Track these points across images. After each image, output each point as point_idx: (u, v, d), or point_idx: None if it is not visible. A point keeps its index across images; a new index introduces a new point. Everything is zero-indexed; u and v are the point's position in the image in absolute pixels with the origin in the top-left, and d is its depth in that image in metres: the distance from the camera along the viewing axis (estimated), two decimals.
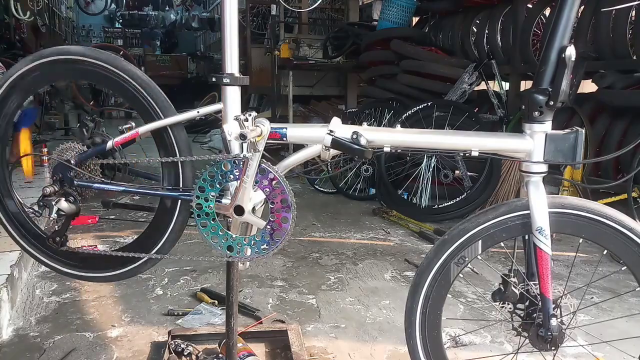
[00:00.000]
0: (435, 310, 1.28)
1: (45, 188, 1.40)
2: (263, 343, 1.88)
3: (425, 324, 1.28)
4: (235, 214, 1.26)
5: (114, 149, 1.41)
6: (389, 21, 4.65)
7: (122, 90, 1.35)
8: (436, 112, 3.57)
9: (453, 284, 1.28)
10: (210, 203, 1.25)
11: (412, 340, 1.29)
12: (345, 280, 2.50)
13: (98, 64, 1.34)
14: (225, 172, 1.24)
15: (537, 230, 1.18)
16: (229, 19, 1.27)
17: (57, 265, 1.50)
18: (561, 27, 1.13)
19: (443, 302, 1.29)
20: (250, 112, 1.17)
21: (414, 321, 1.29)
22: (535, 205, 1.19)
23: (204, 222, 1.27)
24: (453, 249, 1.25)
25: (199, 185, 1.26)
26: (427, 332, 1.29)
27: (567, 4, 1.13)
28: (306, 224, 3.42)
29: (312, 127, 1.27)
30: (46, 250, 1.49)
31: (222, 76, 1.28)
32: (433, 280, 1.27)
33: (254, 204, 1.27)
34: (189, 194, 1.30)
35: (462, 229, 1.25)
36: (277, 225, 1.24)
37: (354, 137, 1.18)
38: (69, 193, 1.40)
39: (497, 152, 1.24)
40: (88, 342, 1.88)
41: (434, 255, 1.26)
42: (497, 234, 1.24)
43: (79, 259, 1.50)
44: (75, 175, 1.41)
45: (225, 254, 1.28)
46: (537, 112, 1.16)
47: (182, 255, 1.45)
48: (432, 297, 1.27)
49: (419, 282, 1.28)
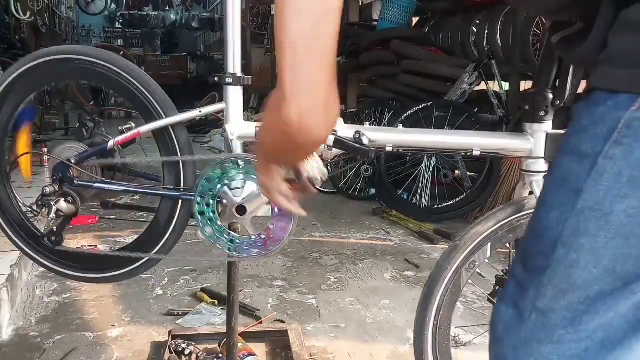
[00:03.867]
0: (447, 321, 1.24)
1: (44, 188, 1.39)
2: (263, 343, 1.89)
3: (437, 337, 1.23)
4: (237, 213, 1.26)
5: (115, 149, 1.41)
6: (389, 21, 4.65)
7: (123, 90, 1.34)
8: (436, 112, 3.57)
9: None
10: (212, 204, 1.26)
11: (425, 356, 1.23)
12: (345, 280, 2.51)
13: (98, 63, 1.34)
14: (227, 172, 1.25)
15: None
16: (231, 19, 1.27)
17: (55, 266, 1.50)
18: None
19: (453, 311, 1.25)
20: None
21: (426, 336, 1.23)
22: None
23: (205, 223, 1.27)
24: (465, 254, 1.21)
25: (201, 186, 1.26)
26: (439, 345, 1.24)
27: None
28: (306, 223, 3.42)
29: None
30: (43, 250, 1.48)
31: (224, 76, 1.28)
32: (445, 290, 1.22)
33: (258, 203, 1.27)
34: (190, 194, 1.30)
35: (474, 234, 1.21)
36: (281, 221, 1.24)
37: (356, 137, 1.18)
38: (69, 193, 1.40)
39: (499, 152, 1.24)
40: (88, 342, 1.88)
41: (445, 263, 1.21)
42: (504, 236, 1.22)
43: (77, 259, 1.50)
44: (76, 175, 1.41)
45: (232, 255, 1.29)
46: (542, 112, 1.16)
47: (183, 254, 1.45)
48: (444, 307, 1.23)
49: (430, 293, 1.22)
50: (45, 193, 1.37)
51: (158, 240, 1.40)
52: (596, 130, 0.58)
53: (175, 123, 1.33)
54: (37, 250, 1.47)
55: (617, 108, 0.57)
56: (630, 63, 0.57)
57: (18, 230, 1.47)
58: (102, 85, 1.41)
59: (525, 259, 0.66)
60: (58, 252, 1.45)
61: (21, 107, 1.39)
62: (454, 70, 4.01)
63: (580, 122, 0.60)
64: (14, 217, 1.46)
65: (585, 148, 0.59)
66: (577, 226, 0.59)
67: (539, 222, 0.64)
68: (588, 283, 0.59)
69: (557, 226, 0.60)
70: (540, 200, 0.66)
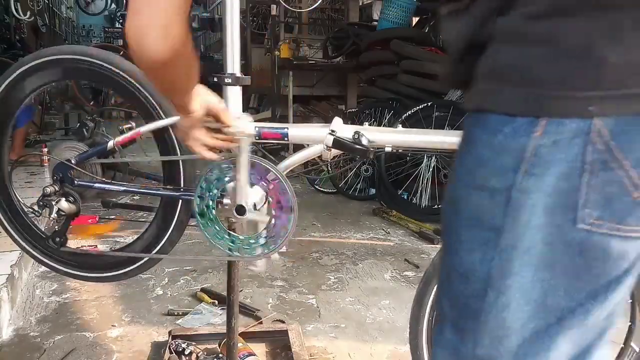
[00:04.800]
0: None
1: (45, 188, 1.39)
2: (263, 343, 1.89)
3: (431, 332, 1.27)
4: (237, 214, 1.26)
5: (115, 149, 1.42)
6: (389, 21, 4.65)
7: (123, 90, 1.35)
8: (436, 112, 3.56)
9: None
10: (212, 205, 1.26)
11: (419, 350, 1.27)
12: (345, 280, 2.50)
13: (98, 64, 1.34)
14: (223, 173, 1.25)
15: None
16: (230, 19, 1.27)
17: (56, 265, 1.50)
18: None
19: None
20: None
21: (421, 330, 1.27)
22: None
23: (205, 223, 1.27)
24: None
25: (199, 187, 1.26)
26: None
27: None
28: (306, 223, 3.42)
29: (313, 127, 1.27)
30: (46, 250, 1.49)
31: (223, 76, 1.28)
32: None
33: (254, 202, 1.26)
34: (190, 194, 1.30)
35: None
36: (280, 220, 1.24)
37: (355, 137, 1.18)
38: (70, 193, 1.40)
39: None
40: (88, 342, 1.88)
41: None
42: None
43: (79, 259, 1.50)
44: (77, 175, 1.41)
45: (234, 256, 1.29)
46: None
47: (183, 254, 1.45)
48: None
49: (425, 290, 1.26)
50: (46, 193, 1.38)
51: (159, 239, 1.40)
52: (501, 161, 0.54)
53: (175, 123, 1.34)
54: (43, 252, 1.48)
55: (517, 135, 0.53)
56: (522, 81, 0.52)
57: (21, 231, 1.48)
58: (103, 86, 1.41)
59: (456, 301, 0.62)
60: (63, 253, 1.46)
61: (21, 107, 1.40)
62: None
63: (479, 151, 0.56)
64: (16, 218, 1.47)
65: (494, 183, 0.55)
66: (501, 266, 0.56)
67: (461, 264, 0.60)
68: (523, 323, 0.56)
69: (481, 268, 0.57)
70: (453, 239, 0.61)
